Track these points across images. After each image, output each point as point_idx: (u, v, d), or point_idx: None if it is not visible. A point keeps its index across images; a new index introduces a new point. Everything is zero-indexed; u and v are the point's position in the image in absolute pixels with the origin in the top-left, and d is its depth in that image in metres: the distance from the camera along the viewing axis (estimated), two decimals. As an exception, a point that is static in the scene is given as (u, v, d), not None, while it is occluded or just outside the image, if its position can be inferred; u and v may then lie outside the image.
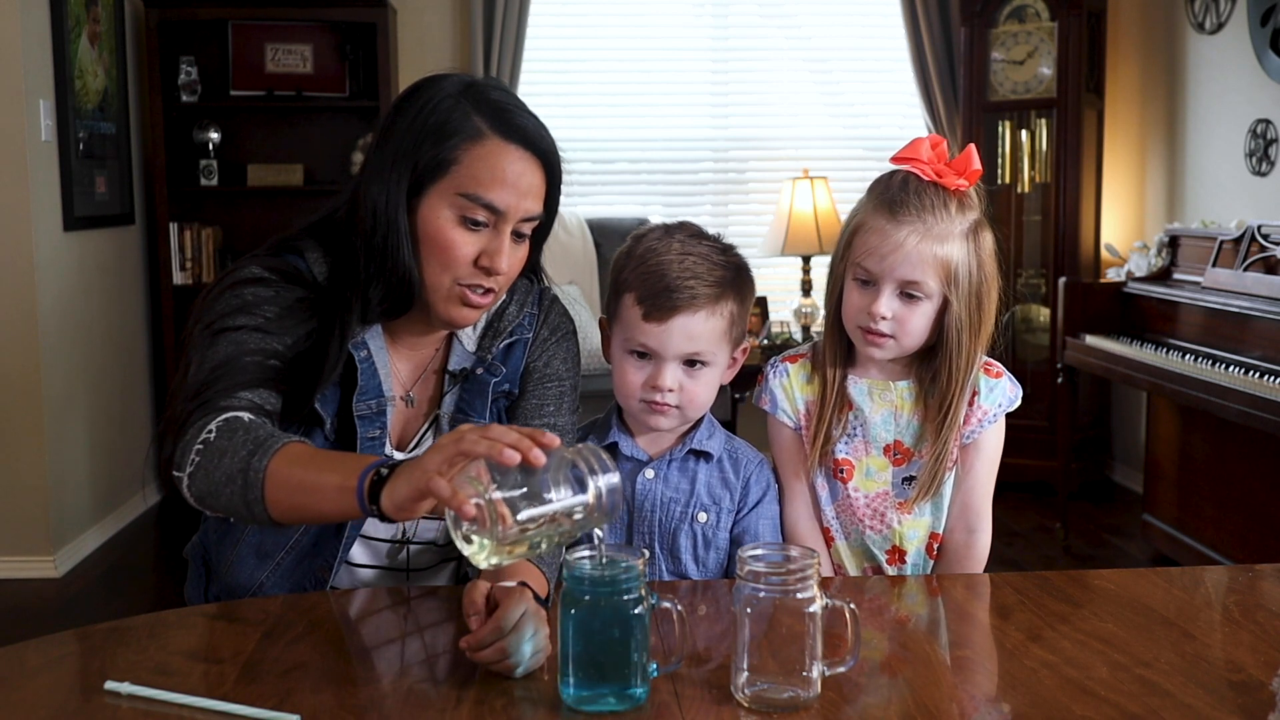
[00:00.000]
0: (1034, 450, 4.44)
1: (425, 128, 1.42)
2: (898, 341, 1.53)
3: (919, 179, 1.52)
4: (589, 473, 1.09)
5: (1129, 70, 4.90)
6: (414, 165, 1.42)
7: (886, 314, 1.51)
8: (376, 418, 1.49)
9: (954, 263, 1.50)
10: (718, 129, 5.22)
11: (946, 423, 1.55)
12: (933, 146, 1.54)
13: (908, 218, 1.49)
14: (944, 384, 1.55)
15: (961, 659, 1.29)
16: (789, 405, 1.63)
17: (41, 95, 3.79)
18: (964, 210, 1.52)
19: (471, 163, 1.41)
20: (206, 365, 1.40)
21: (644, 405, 1.52)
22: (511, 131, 1.42)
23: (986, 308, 1.54)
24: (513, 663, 1.16)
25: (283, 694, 1.13)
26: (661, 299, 1.48)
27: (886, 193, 1.53)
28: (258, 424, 1.33)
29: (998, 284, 1.56)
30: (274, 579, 1.51)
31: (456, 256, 1.42)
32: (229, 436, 1.30)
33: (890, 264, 1.50)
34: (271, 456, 1.26)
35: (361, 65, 4.77)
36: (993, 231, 1.56)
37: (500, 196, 1.41)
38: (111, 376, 4.35)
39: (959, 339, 1.53)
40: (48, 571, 3.80)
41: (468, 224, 1.42)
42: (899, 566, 1.61)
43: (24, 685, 1.19)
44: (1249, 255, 3.40)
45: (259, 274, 1.46)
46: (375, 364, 1.49)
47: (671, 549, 1.56)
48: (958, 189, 1.52)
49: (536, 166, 1.44)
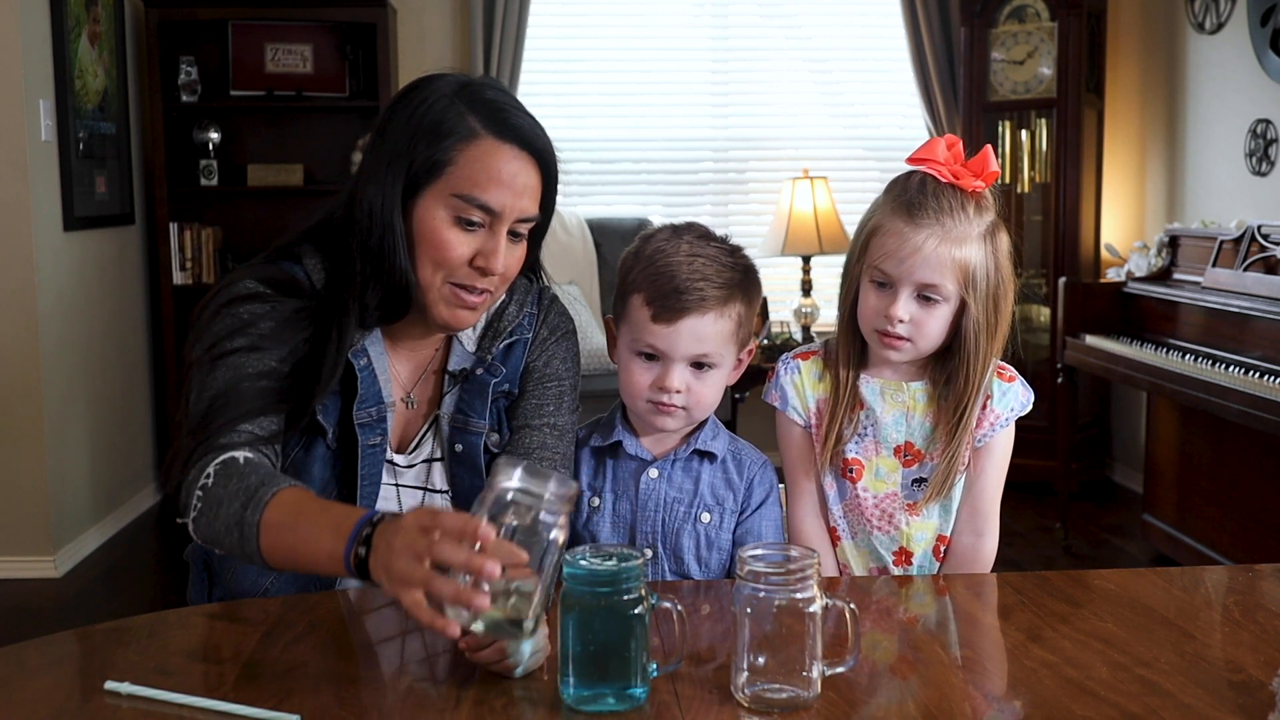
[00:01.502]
0: (1034, 450, 4.43)
1: (420, 128, 1.41)
2: (914, 344, 1.52)
3: (936, 181, 1.50)
4: (537, 505, 1.09)
5: (1129, 70, 4.90)
6: (409, 166, 1.41)
7: (904, 317, 1.50)
8: (377, 425, 1.49)
9: (972, 265, 1.49)
10: (718, 129, 5.22)
11: (961, 425, 1.54)
12: (949, 147, 1.52)
13: (926, 220, 1.48)
14: (960, 386, 1.54)
15: (962, 659, 1.29)
16: (799, 402, 1.62)
17: (41, 95, 3.79)
18: (981, 212, 1.51)
19: (466, 163, 1.41)
20: (206, 395, 1.40)
21: (650, 406, 1.52)
22: (506, 131, 1.42)
23: (1003, 310, 1.53)
24: (512, 663, 1.16)
25: (283, 694, 1.13)
26: (670, 300, 1.48)
27: (904, 195, 1.51)
28: (253, 466, 1.33)
29: (1014, 285, 1.55)
30: (279, 584, 1.52)
31: (451, 257, 1.42)
32: (224, 483, 1.31)
33: (909, 267, 1.48)
34: (263, 510, 1.27)
35: (361, 65, 4.77)
36: (1008, 233, 1.55)
37: (495, 197, 1.41)
38: (111, 377, 4.35)
39: (976, 341, 1.52)
40: (48, 571, 3.80)
41: (463, 224, 1.42)
42: (905, 568, 1.61)
43: (24, 685, 1.19)
44: (1249, 255, 3.40)
45: (253, 289, 1.45)
46: (375, 370, 1.49)
47: (674, 549, 1.56)
48: (975, 190, 1.51)
49: (532, 166, 1.44)
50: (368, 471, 1.48)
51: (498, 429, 1.55)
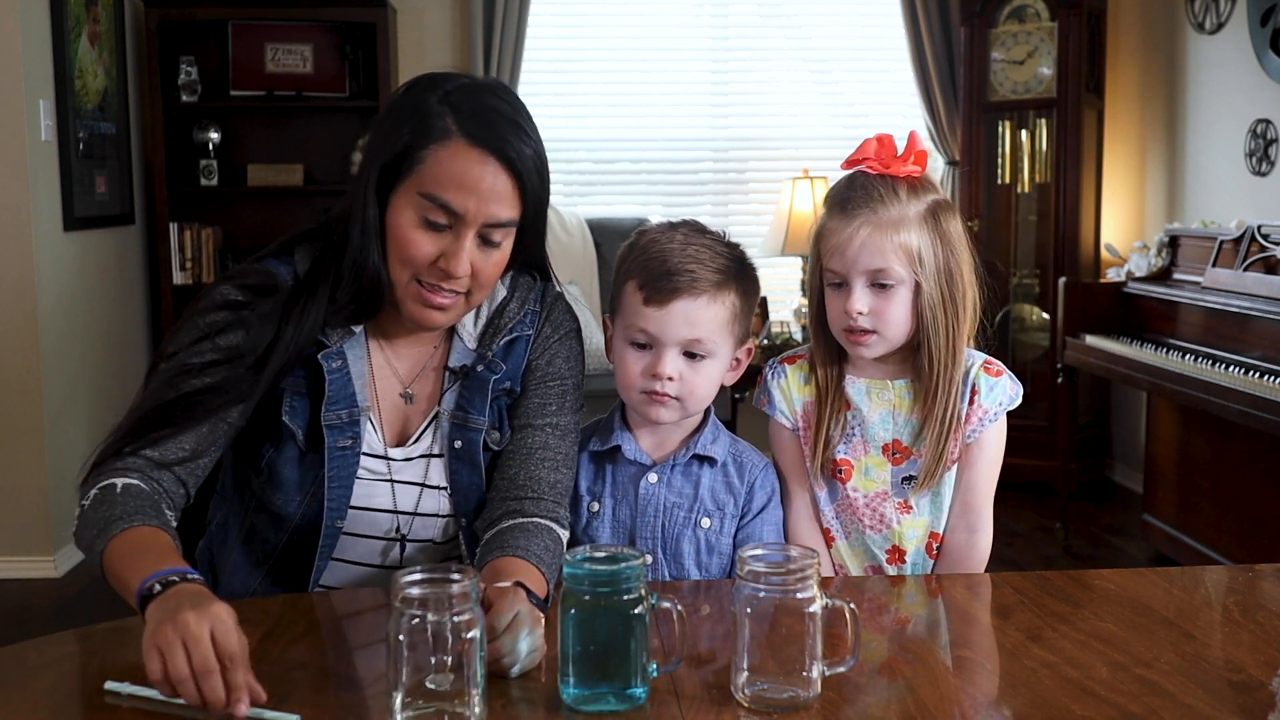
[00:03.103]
0: (1034, 450, 4.44)
1: (404, 124, 1.42)
2: (881, 335, 1.54)
3: (866, 175, 1.56)
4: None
5: (1129, 70, 4.90)
6: (388, 161, 1.42)
7: (863, 309, 1.52)
8: (348, 427, 1.48)
9: (914, 245, 1.52)
10: (718, 129, 5.22)
11: (941, 411, 1.54)
12: (880, 143, 1.57)
13: (859, 211, 1.52)
14: (927, 369, 1.55)
15: (962, 659, 1.29)
16: (787, 406, 1.63)
17: (41, 95, 3.79)
18: (917, 194, 1.54)
19: (435, 163, 1.41)
20: (133, 409, 1.44)
21: (644, 396, 1.51)
22: (477, 136, 1.41)
23: (961, 287, 1.55)
24: (508, 663, 1.16)
25: (283, 694, 1.13)
26: (662, 282, 1.48)
27: (837, 195, 1.57)
28: (129, 495, 1.34)
29: (970, 264, 1.56)
30: (264, 588, 1.53)
31: (414, 255, 1.42)
32: (95, 507, 1.33)
33: (851, 257, 1.52)
34: (108, 543, 1.28)
35: (361, 65, 4.77)
36: (956, 214, 1.58)
37: (458, 199, 1.40)
38: (111, 377, 4.35)
39: (935, 319, 1.53)
40: (48, 571, 3.80)
41: (428, 225, 1.42)
42: (899, 566, 1.61)
43: (24, 685, 1.19)
44: (1249, 255, 3.40)
45: (227, 296, 1.47)
46: (350, 373, 1.49)
47: (674, 554, 1.55)
48: (908, 175, 1.55)
49: (502, 172, 1.42)
50: (335, 473, 1.48)
51: (498, 426, 1.55)
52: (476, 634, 1.05)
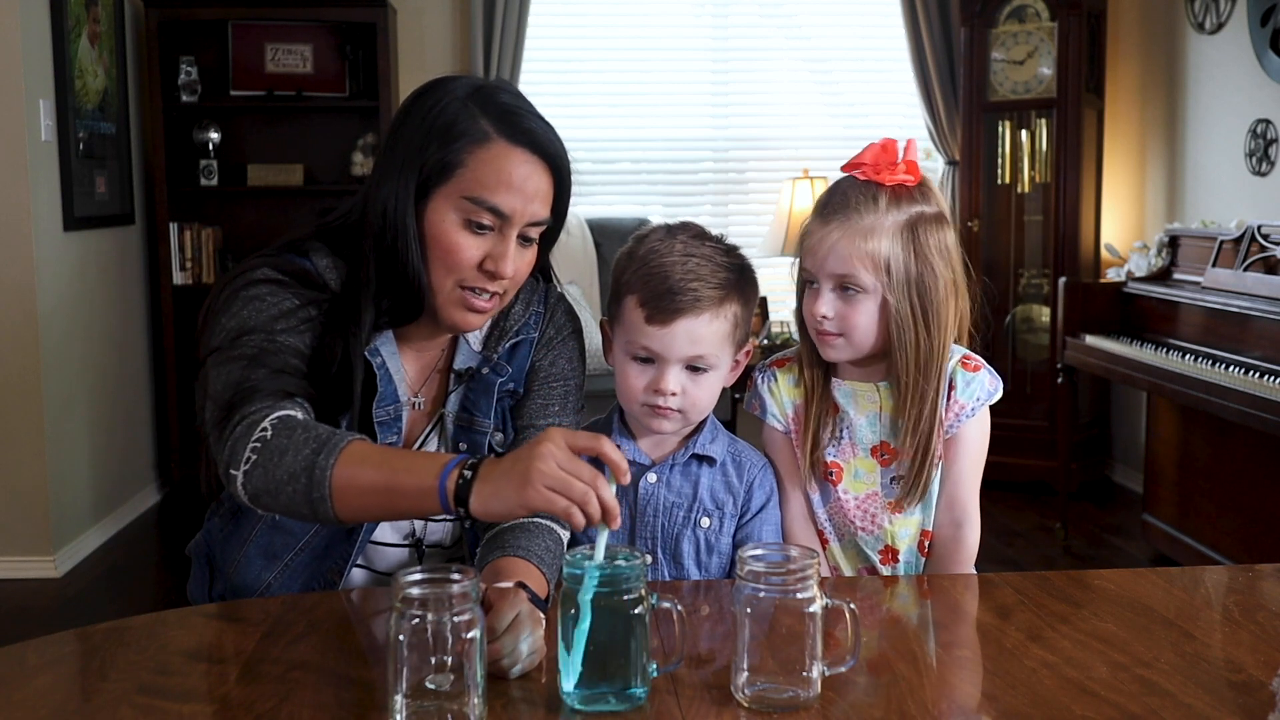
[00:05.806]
0: (1034, 450, 4.44)
1: (432, 130, 1.41)
2: (847, 340, 1.54)
3: (853, 180, 1.56)
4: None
5: (1129, 70, 4.90)
6: (421, 167, 1.41)
7: (828, 313, 1.53)
8: (394, 423, 1.48)
9: (883, 255, 1.51)
10: (718, 129, 5.22)
11: (917, 416, 1.54)
12: (883, 149, 1.56)
13: (835, 216, 1.53)
14: (897, 378, 1.55)
15: (962, 659, 1.29)
16: (778, 410, 1.64)
17: (41, 95, 3.78)
18: (899, 204, 1.53)
19: (477, 166, 1.40)
20: (239, 363, 1.36)
21: (646, 409, 1.51)
22: (518, 135, 1.42)
23: (935, 302, 1.53)
24: (507, 663, 1.16)
25: (283, 694, 1.13)
26: (664, 301, 1.47)
27: (822, 198, 1.59)
28: (314, 422, 1.32)
29: (950, 278, 1.54)
30: (281, 580, 1.51)
31: (461, 260, 1.41)
32: (287, 435, 1.28)
33: (820, 260, 1.53)
34: (338, 455, 1.25)
35: (361, 65, 4.77)
36: (950, 224, 1.57)
37: (505, 200, 1.41)
38: (111, 376, 4.35)
39: (901, 334, 1.53)
40: (48, 571, 3.80)
41: (473, 227, 1.41)
42: (893, 566, 1.62)
43: (24, 685, 1.19)
44: (1249, 255, 3.40)
45: (271, 275, 1.43)
46: (389, 370, 1.49)
47: (674, 554, 1.55)
48: (899, 183, 1.54)
49: (543, 170, 1.44)
50: None
51: (502, 428, 1.55)
52: (477, 634, 1.05)
